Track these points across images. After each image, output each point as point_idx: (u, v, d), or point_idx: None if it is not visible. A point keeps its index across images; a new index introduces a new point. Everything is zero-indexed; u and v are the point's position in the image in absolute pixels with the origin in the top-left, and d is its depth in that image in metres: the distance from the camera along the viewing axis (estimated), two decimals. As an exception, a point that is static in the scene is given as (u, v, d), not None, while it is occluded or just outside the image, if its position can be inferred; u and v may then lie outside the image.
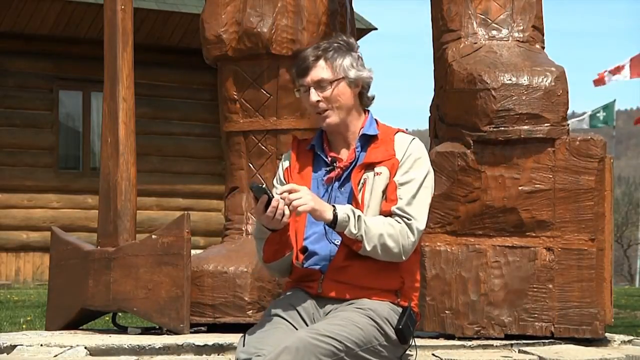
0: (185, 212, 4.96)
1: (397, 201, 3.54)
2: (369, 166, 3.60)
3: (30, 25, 16.12)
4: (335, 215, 3.45)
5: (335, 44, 3.67)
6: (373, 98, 3.74)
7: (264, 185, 3.42)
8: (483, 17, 4.96)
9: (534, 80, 4.66)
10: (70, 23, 16.18)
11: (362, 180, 3.59)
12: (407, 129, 3.80)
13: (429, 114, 5.12)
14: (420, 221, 3.55)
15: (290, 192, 3.43)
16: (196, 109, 17.42)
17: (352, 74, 3.64)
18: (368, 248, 3.48)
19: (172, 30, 16.76)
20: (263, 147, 5.14)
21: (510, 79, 4.67)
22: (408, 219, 3.53)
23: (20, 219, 16.39)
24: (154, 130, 16.85)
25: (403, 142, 3.64)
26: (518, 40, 4.94)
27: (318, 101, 3.63)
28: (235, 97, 5.18)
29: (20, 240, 16.37)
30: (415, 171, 3.60)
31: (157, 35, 16.63)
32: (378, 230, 3.48)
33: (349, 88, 3.65)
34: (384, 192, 3.57)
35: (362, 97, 3.70)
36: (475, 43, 4.92)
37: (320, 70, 3.63)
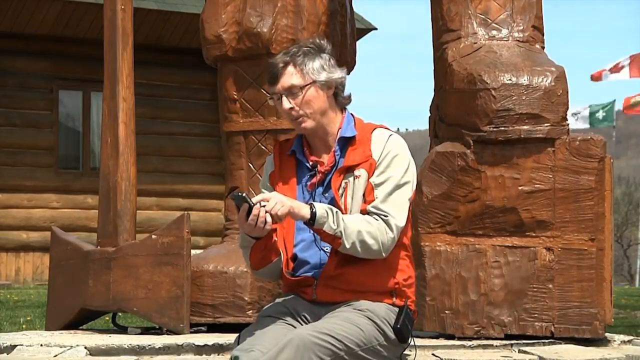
0: (185, 212, 4.96)
1: (374, 200, 3.53)
2: (349, 169, 3.57)
3: (30, 25, 16.12)
4: (313, 213, 3.43)
5: (305, 48, 3.61)
6: (349, 97, 3.68)
7: (244, 194, 3.40)
8: (483, 17, 4.97)
9: (534, 80, 4.66)
10: (70, 23, 16.18)
11: (342, 185, 3.56)
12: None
13: (429, 114, 5.11)
14: (397, 217, 3.52)
15: (262, 202, 3.40)
16: (196, 108, 17.42)
17: (323, 76, 3.58)
18: (347, 245, 3.46)
19: (172, 30, 16.76)
20: (263, 147, 5.14)
21: (510, 79, 4.67)
22: (385, 216, 3.50)
23: (20, 219, 16.39)
24: (154, 130, 16.85)
25: (380, 140, 3.60)
26: (518, 40, 4.94)
27: (291, 108, 3.59)
28: (235, 97, 5.18)
29: (20, 240, 16.37)
30: (392, 169, 3.56)
31: (157, 35, 16.64)
32: (356, 227, 3.46)
33: (322, 91, 3.59)
34: (364, 194, 3.56)
35: (337, 98, 3.65)
36: (475, 43, 4.92)
37: (290, 77, 3.58)
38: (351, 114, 3.69)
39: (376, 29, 17.94)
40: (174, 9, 16.47)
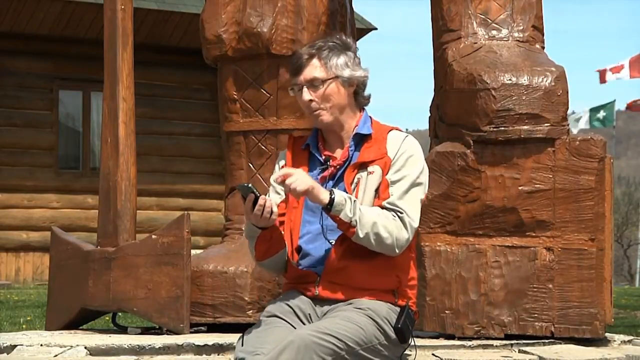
0: (185, 212, 4.96)
1: (389, 197, 3.54)
2: (362, 165, 3.59)
3: (30, 25, 16.12)
4: (332, 198, 3.44)
5: (331, 43, 3.66)
6: (369, 97, 3.72)
7: (250, 185, 3.44)
8: (483, 17, 4.97)
9: (534, 80, 4.66)
10: (70, 23, 16.18)
11: (355, 180, 3.58)
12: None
13: (429, 114, 5.12)
14: (412, 217, 3.54)
15: (285, 177, 3.43)
16: (196, 108, 17.42)
17: (346, 73, 3.63)
18: (361, 235, 3.47)
19: (172, 30, 16.76)
20: (263, 147, 5.14)
21: (510, 79, 4.67)
22: (400, 212, 3.52)
23: (20, 219, 16.39)
24: (154, 130, 16.85)
25: (396, 140, 3.63)
26: (518, 40, 4.94)
27: (310, 100, 3.62)
28: (235, 97, 5.18)
29: (20, 240, 16.37)
30: (407, 169, 3.59)
31: (157, 35, 16.64)
32: (372, 218, 3.47)
33: (343, 87, 3.63)
34: (377, 190, 3.57)
35: (357, 97, 3.69)
36: (475, 43, 4.92)
37: (313, 69, 3.62)
38: (369, 115, 3.72)
39: (376, 29, 17.94)
40: (174, 9, 16.46)
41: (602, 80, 27.06)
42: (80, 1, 15.83)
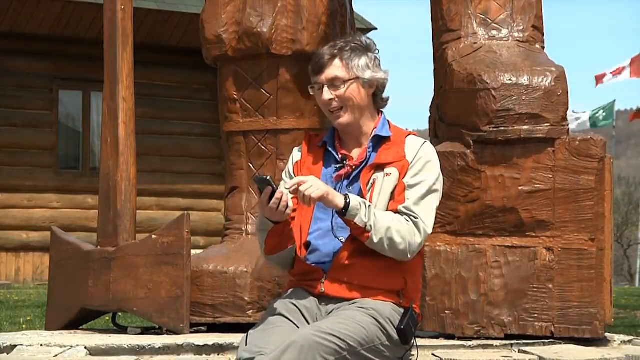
0: (185, 212, 4.96)
1: (405, 201, 3.55)
2: (379, 167, 3.61)
3: (30, 25, 16.12)
4: (347, 203, 3.45)
5: (353, 44, 3.68)
6: (387, 100, 3.74)
7: (268, 177, 3.44)
8: (483, 17, 4.97)
9: (534, 80, 4.66)
10: (70, 23, 16.18)
11: (371, 181, 3.60)
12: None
13: (429, 114, 5.12)
14: (427, 223, 3.56)
15: (298, 184, 3.44)
16: (196, 108, 17.42)
17: (367, 74, 3.65)
18: (375, 240, 3.48)
19: (172, 30, 16.76)
20: (263, 147, 5.14)
21: (510, 79, 4.67)
22: (415, 218, 3.54)
23: (20, 219, 16.39)
24: (154, 130, 16.85)
25: (414, 144, 3.65)
26: (518, 40, 4.94)
27: (330, 99, 3.64)
28: (235, 97, 5.18)
29: (20, 240, 16.37)
30: (425, 174, 3.60)
31: (157, 35, 16.63)
32: (386, 224, 3.49)
33: (363, 88, 3.65)
34: (393, 193, 3.58)
35: (376, 98, 3.71)
36: (475, 43, 4.92)
37: (335, 69, 3.64)
38: (387, 120, 3.73)
39: (376, 28, 17.95)
40: (174, 9, 16.47)
41: (599, 82, 27.03)
42: (80, 1, 15.83)
